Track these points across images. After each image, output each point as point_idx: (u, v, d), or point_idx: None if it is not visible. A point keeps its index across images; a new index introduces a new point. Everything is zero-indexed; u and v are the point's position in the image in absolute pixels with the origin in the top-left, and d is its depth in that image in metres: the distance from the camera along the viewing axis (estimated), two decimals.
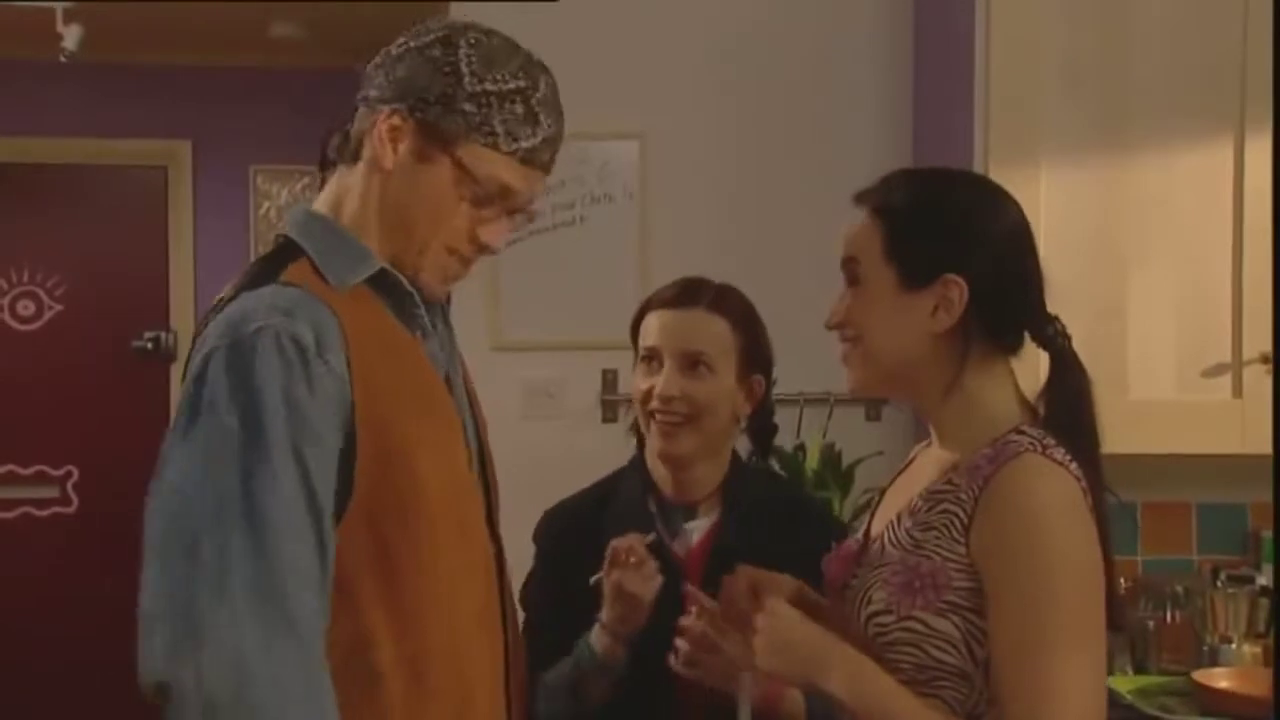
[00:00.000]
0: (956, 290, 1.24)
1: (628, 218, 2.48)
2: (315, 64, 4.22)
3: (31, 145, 4.51)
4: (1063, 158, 2.04)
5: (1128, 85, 2.05)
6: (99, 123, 4.52)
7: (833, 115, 2.48)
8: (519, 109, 1.23)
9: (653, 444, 1.64)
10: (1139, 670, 2.17)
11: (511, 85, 1.23)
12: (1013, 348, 1.30)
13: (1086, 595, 1.18)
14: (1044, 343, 1.30)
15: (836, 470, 2.35)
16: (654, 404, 1.62)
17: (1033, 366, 1.32)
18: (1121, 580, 2.22)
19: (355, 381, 1.17)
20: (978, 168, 2.06)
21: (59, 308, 4.62)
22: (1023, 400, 1.29)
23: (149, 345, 4.53)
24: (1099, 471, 1.26)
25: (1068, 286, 2.01)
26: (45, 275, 4.62)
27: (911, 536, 1.25)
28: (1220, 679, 2.00)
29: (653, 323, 1.66)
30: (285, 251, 1.25)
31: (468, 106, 1.21)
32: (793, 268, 2.31)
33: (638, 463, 1.70)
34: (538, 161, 1.27)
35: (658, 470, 1.67)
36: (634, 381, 1.68)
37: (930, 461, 1.32)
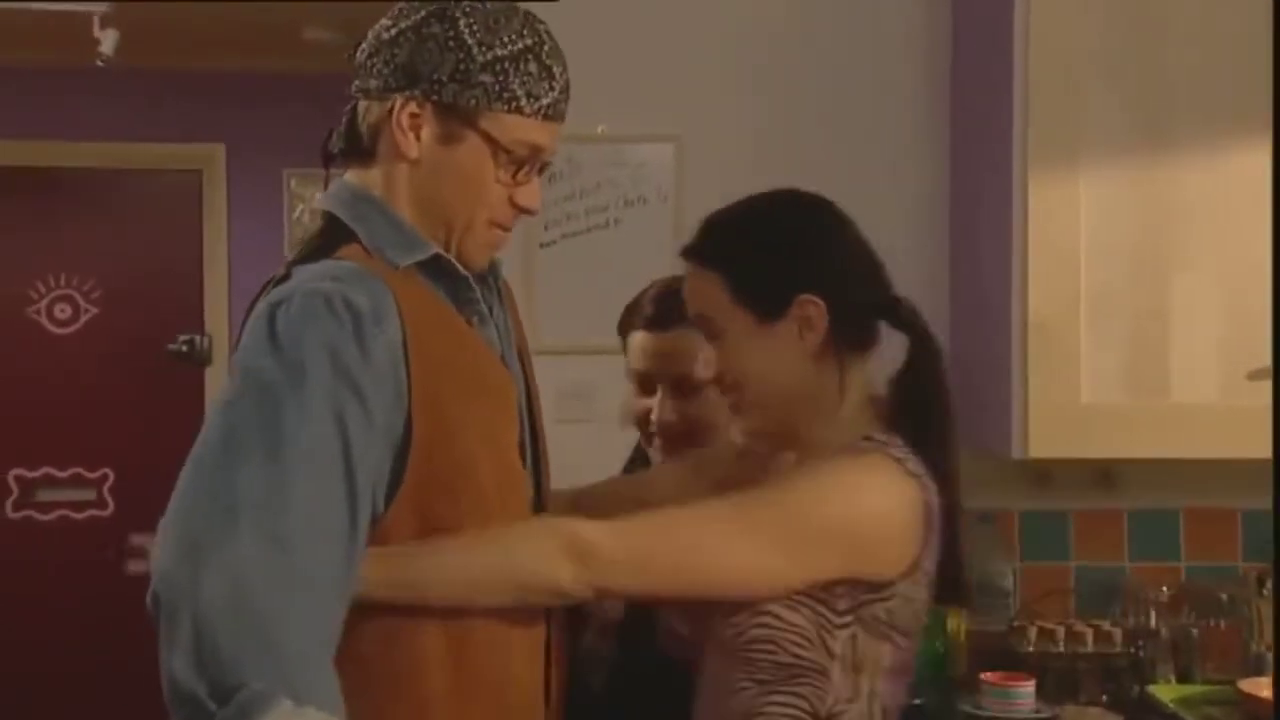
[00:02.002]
0: (814, 308, 1.27)
1: (662, 221, 2.48)
2: (348, 70, 4.26)
3: (66, 149, 4.57)
4: (1103, 158, 2.03)
5: (1169, 84, 2.03)
6: (134, 127, 4.58)
7: (870, 117, 2.48)
8: (533, 67, 1.22)
9: (656, 459, 1.65)
10: (1183, 679, 2.16)
11: (520, 45, 1.22)
12: (871, 345, 1.32)
13: (793, 528, 1.19)
14: (900, 325, 1.31)
15: None
16: (653, 428, 1.63)
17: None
18: (1164, 588, 2.21)
19: (412, 357, 1.15)
20: (1016, 169, 2.06)
21: (95, 311, 4.68)
22: (878, 407, 1.31)
23: (183, 348, 4.57)
24: (952, 459, 1.28)
25: (1109, 289, 2.03)
26: (81, 279, 4.68)
27: None
28: (1266, 688, 1.98)
29: (638, 346, 1.66)
30: (336, 231, 1.24)
31: (484, 77, 1.20)
32: None
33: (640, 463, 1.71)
34: (558, 114, 1.26)
35: None
36: (628, 398, 1.68)
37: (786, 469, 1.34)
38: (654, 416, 1.62)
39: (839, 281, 1.29)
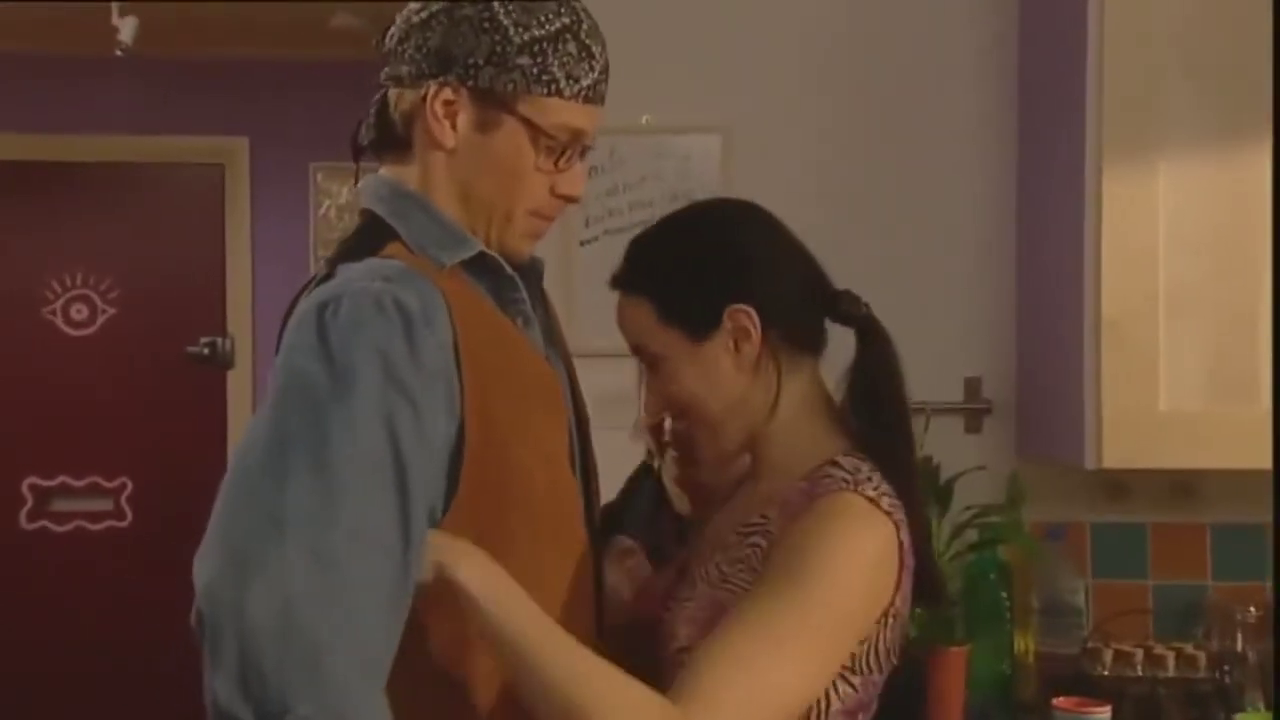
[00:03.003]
0: (745, 316, 1.29)
1: None
2: (377, 59, 4.29)
3: (83, 143, 4.63)
4: (1183, 154, 2.01)
5: (1253, 75, 2.01)
6: (153, 119, 4.64)
7: (931, 110, 2.47)
8: (572, 47, 1.23)
9: (670, 472, 1.64)
10: (1273, 707, 2.13)
11: (558, 25, 1.22)
12: (817, 346, 1.34)
13: (829, 622, 1.19)
14: (844, 319, 1.33)
15: (934, 486, 2.34)
16: (667, 437, 1.63)
17: None
18: (1252, 609, 2.19)
19: (464, 361, 1.15)
20: (1089, 167, 2.05)
21: (112, 311, 4.75)
22: (832, 411, 1.33)
23: (205, 351, 4.61)
24: (911, 453, 1.30)
25: (1191, 291, 2.01)
26: (99, 278, 4.74)
27: (720, 570, 1.28)
28: None
29: None
30: (377, 229, 1.25)
31: (522, 59, 1.21)
32: (889, 272, 2.30)
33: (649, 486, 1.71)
34: (599, 96, 1.27)
35: (673, 490, 1.66)
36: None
37: (749, 492, 1.35)
38: (669, 425, 1.62)
39: (768, 285, 1.31)
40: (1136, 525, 2.36)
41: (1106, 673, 2.11)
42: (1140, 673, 2.10)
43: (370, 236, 1.25)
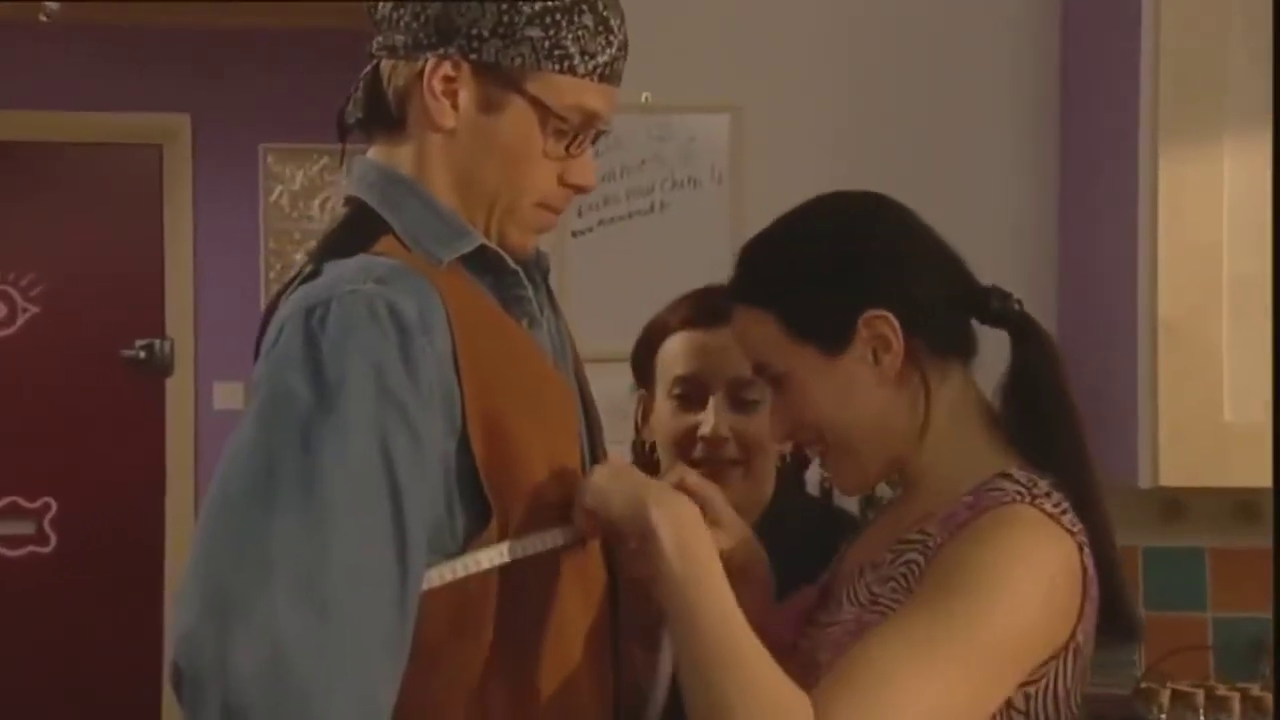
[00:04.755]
0: (884, 324, 1.27)
1: (716, 206, 2.48)
2: (339, 25, 4.28)
3: (3, 120, 4.60)
4: (1251, 131, 2.02)
5: None
6: (83, 94, 4.63)
7: (963, 88, 2.47)
8: (588, 19, 1.22)
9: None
10: None
11: None
12: (967, 350, 1.33)
13: (994, 643, 1.17)
14: (993, 318, 1.32)
15: None
16: (699, 450, 1.63)
17: None
18: None
19: (464, 371, 1.16)
20: (1145, 147, 2.05)
21: (35, 310, 4.74)
22: (994, 421, 1.31)
23: (141, 355, 4.59)
24: (1089, 472, 1.28)
25: (1256, 285, 2.01)
26: (20, 273, 4.73)
27: (870, 591, 1.27)
28: None
29: (680, 348, 1.67)
30: (368, 220, 1.25)
31: (532, 32, 1.20)
32: None
33: None
34: (616, 74, 1.26)
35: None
36: (660, 421, 1.68)
37: (904, 512, 1.34)
38: (703, 432, 1.62)
39: (907, 287, 1.29)
40: (1194, 550, 2.36)
41: (1164, 717, 2.11)
42: (1202, 717, 2.10)
43: (359, 229, 1.24)
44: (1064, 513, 1.23)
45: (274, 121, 4.61)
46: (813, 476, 1.94)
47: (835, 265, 1.30)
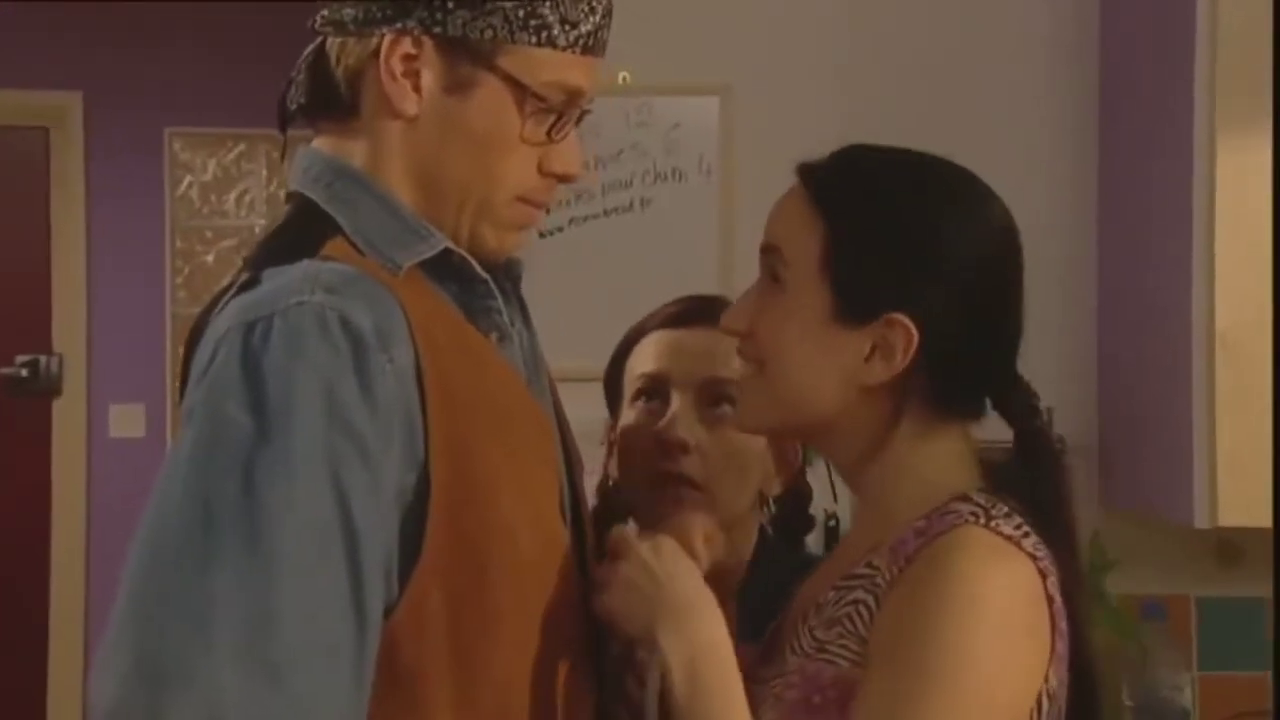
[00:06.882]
0: (903, 335, 1.27)
1: (704, 201, 2.49)
2: None
3: None
4: None
5: None
6: None
7: (982, 66, 2.49)
8: None
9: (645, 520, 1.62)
10: None
11: None
12: (967, 415, 1.33)
13: (981, 706, 1.19)
14: (1008, 415, 1.33)
15: None
16: (660, 461, 1.61)
17: None
18: None
19: (429, 390, 1.16)
20: (1198, 141, 2.08)
21: None
22: (975, 467, 1.32)
23: (23, 373, 4.59)
24: (1066, 512, 1.30)
25: None
26: None
27: (815, 637, 1.28)
28: None
29: (650, 347, 1.67)
30: (313, 219, 1.25)
31: (504, 0, 1.21)
32: None
33: None
34: (600, 45, 1.26)
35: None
36: (620, 435, 1.68)
37: (854, 540, 1.35)
38: (660, 428, 1.60)
39: (953, 317, 1.29)
40: (1255, 601, 2.36)
41: None
42: None
43: (304, 230, 1.23)
44: (1025, 535, 1.23)
45: (181, 103, 4.58)
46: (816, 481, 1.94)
47: (913, 241, 1.30)
